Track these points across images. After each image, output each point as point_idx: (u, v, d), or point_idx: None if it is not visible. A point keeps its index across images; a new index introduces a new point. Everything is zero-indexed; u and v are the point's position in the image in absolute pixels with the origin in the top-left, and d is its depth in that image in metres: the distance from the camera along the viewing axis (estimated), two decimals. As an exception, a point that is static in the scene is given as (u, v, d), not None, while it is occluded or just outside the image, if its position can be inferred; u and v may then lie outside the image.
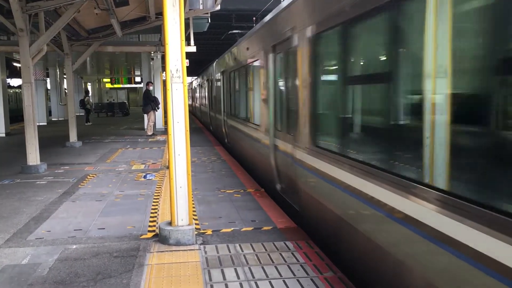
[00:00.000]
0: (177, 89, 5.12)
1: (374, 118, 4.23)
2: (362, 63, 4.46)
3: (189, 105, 51.35)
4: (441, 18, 2.94)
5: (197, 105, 33.93)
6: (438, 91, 3.03)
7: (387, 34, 3.66)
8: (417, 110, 3.26)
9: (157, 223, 6.07)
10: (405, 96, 3.54)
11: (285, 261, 4.70)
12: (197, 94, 31.50)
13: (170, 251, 5.04)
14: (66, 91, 20.77)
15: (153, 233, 5.67)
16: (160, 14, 13.22)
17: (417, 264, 3.23)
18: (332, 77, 5.16)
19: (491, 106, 2.55)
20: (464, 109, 2.90)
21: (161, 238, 5.30)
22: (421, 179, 3.16)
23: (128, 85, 49.86)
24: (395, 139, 3.60)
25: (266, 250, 5.05)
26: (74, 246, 5.26)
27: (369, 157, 4.05)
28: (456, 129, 2.89)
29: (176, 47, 5.05)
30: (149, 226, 6.02)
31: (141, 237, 5.57)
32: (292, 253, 4.93)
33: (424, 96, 3.17)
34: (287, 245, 5.18)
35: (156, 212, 6.70)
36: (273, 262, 4.69)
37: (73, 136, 15.29)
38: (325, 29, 4.84)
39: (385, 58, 3.88)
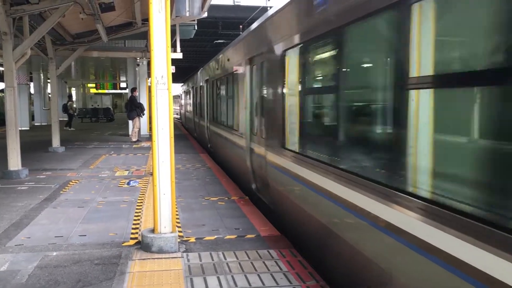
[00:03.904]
0: (162, 95, 5.10)
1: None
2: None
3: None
4: None
5: (182, 111, 33.60)
6: None
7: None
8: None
9: (140, 230, 6.01)
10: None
11: (268, 270, 4.69)
12: (182, 101, 31.17)
13: (152, 258, 4.99)
14: (50, 95, 20.54)
15: (136, 241, 5.61)
16: (146, 20, 13.18)
17: (363, 247, 3.82)
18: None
19: None
20: None
21: (143, 245, 5.25)
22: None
23: (113, 91, 49.51)
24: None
25: (249, 258, 5.03)
26: (55, 253, 5.18)
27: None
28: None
29: (162, 53, 5.04)
30: (132, 233, 5.96)
31: (123, 244, 5.51)
32: (275, 262, 4.92)
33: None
34: (270, 254, 5.17)
35: (139, 219, 6.64)
36: (256, 270, 4.67)
37: (56, 141, 15.11)
38: (290, 46, 5.74)
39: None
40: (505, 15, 2.31)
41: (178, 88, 36.88)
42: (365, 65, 4.27)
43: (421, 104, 3.04)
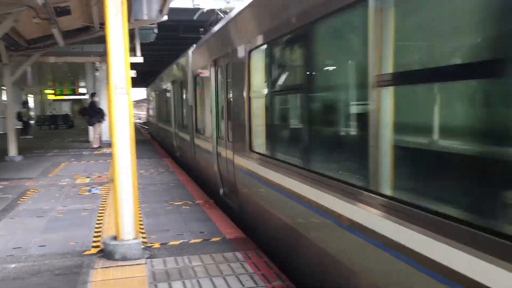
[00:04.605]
0: (121, 100, 5.02)
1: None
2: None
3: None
4: None
5: (152, 118, 25.12)
6: None
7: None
8: None
9: (102, 238, 5.88)
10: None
11: (234, 272, 4.67)
12: (152, 103, 24.33)
13: (115, 266, 4.89)
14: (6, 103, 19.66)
15: (98, 249, 5.49)
16: (104, 24, 12.93)
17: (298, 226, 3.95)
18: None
19: None
20: None
21: (106, 253, 5.14)
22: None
23: (73, 97, 48.31)
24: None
25: (215, 261, 5.00)
26: (13, 265, 5.00)
27: None
28: None
29: (120, 57, 4.96)
30: (94, 241, 5.83)
31: (85, 253, 5.38)
32: (241, 264, 4.91)
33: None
34: (236, 256, 5.16)
35: (101, 227, 6.50)
36: (222, 273, 4.65)
37: (12, 150, 14.61)
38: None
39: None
40: None
41: (141, 93, 35.58)
42: None
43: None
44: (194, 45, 10.36)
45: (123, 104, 5.02)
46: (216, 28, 8.03)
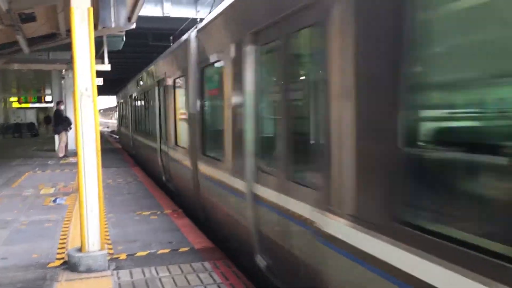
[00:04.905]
0: (87, 108, 4.93)
1: None
2: None
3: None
4: None
5: (126, 130, 19.96)
6: None
7: None
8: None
9: (66, 249, 5.73)
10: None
11: (202, 282, 4.63)
12: (125, 113, 20.70)
13: (80, 279, 4.77)
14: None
15: (62, 261, 5.34)
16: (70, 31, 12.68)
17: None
18: None
19: None
20: None
21: (70, 265, 5.01)
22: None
23: (38, 105, 47.15)
24: None
25: (182, 272, 4.94)
26: (-29, 279, 4.82)
27: None
28: None
29: (86, 64, 4.88)
30: (58, 253, 5.67)
31: (49, 265, 5.23)
32: (210, 274, 4.87)
33: None
34: (204, 266, 5.11)
35: (66, 238, 6.33)
36: (189, 283, 4.60)
37: (-27, 160, 14.13)
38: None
39: None
40: None
41: (109, 100, 34.90)
42: None
43: None
44: (197, 26, 7.07)
45: (89, 112, 4.93)
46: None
